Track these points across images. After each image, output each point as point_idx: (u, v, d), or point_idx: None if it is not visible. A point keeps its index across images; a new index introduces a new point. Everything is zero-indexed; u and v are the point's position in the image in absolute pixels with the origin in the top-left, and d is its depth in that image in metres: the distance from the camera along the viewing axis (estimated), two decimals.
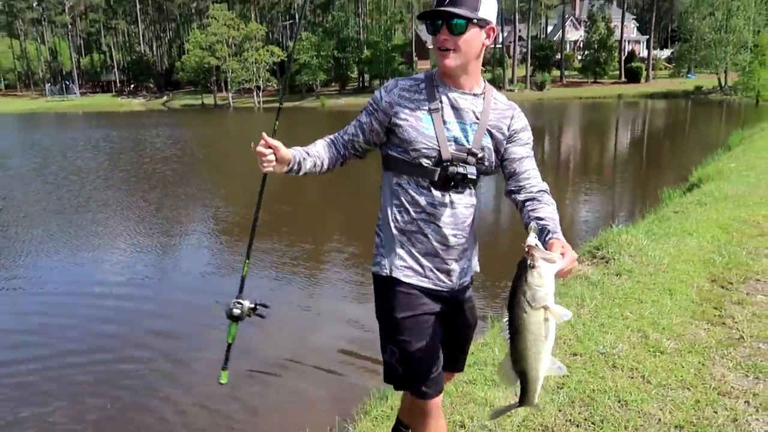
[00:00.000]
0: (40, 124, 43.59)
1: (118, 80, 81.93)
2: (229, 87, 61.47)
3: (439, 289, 1.92)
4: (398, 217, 1.89)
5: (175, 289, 7.16)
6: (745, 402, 2.78)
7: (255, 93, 60.67)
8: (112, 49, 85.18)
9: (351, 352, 5.09)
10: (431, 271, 1.90)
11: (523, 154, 1.87)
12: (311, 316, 6.23)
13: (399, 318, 1.88)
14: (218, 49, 59.15)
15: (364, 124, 1.92)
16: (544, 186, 1.84)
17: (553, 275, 1.51)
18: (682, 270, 4.50)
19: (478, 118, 1.83)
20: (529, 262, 1.49)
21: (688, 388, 2.91)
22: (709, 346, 3.33)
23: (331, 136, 1.99)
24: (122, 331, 5.85)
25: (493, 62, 58.48)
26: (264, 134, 1.81)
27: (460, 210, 1.87)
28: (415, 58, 61.33)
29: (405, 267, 1.90)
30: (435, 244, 1.88)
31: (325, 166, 1.96)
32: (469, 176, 1.82)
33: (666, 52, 65.96)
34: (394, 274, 1.89)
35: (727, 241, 5.21)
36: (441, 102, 1.83)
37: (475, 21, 1.73)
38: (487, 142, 1.84)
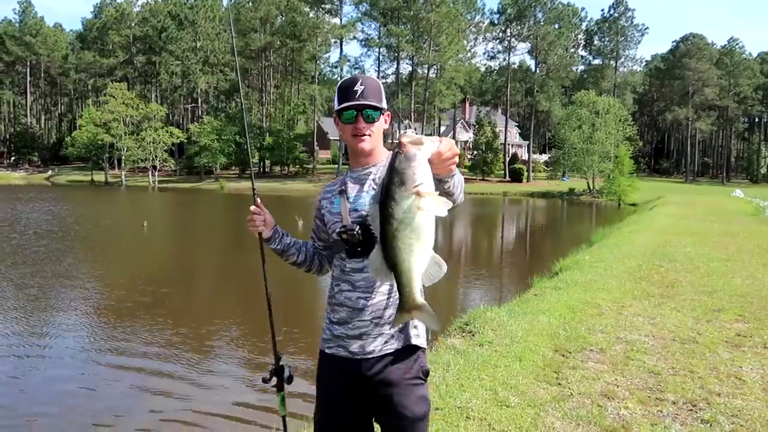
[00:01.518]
0: None
1: None
2: (123, 165, 59.70)
3: (351, 357, 1.98)
4: (328, 293, 2.11)
5: (29, 374, 6.91)
6: None
7: (150, 172, 59.29)
8: None
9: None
10: (343, 338, 2.00)
11: None
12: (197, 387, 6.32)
13: (316, 386, 2.10)
14: (114, 127, 57.84)
15: (313, 225, 2.24)
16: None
17: (425, 160, 1.47)
18: (532, 341, 5.27)
19: (376, 183, 2.01)
20: (396, 150, 1.50)
21: None
22: (545, 401, 4.00)
23: None
24: None
25: None
26: (256, 201, 2.19)
27: (371, 273, 1.91)
28: (317, 148, 63.40)
29: (326, 339, 2.07)
30: (347, 310, 1.99)
31: (303, 255, 2.24)
32: (355, 233, 1.96)
33: (544, 157, 73.01)
34: (321, 346, 2.10)
35: (571, 318, 6.11)
36: (347, 184, 2.09)
37: (381, 111, 2.04)
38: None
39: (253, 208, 2.19)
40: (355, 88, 2.00)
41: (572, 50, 70.06)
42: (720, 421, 3.68)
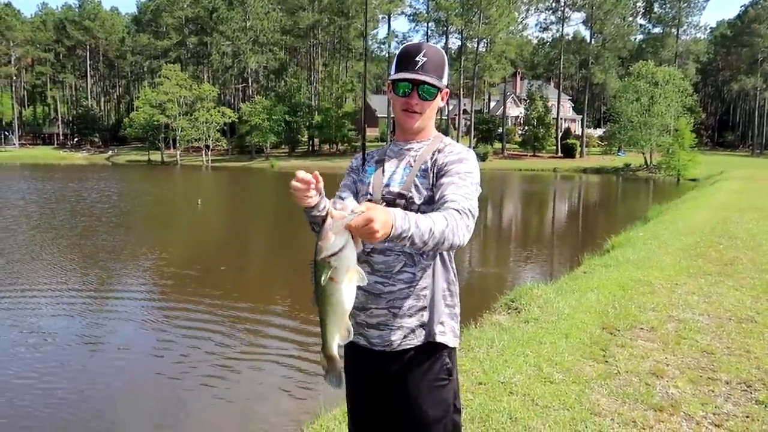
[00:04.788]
0: None
1: (61, 133, 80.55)
2: (178, 145, 61.48)
3: (371, 347, 1.85)
4: None
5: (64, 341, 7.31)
6: (611, 419, 3.38)
7: (204, 152, 60.87)
8: (58, 102, 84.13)
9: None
10: (363, 327, 1.85)
11: (446, 181, 1.75)
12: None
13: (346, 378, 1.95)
14: (169, 108, 59.49)
15: (347, 182, 2.05)
16: (459, 206, 1.65)
17: (337, 231, 1.46)
18: (580, 319, 5.19)
19: (415, 160, 1.87)
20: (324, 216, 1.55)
21: (567, 409, 3.49)
22: (590, 378, 3.95)
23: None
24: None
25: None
26: (299, 172, 1.76)
27: (392, 257, 1.81)
28: (365, 125, 63.43)
29: (352, 325, 1.85)
30: (364, 294, 1.83)
31: None
32: None
33: (599, 131, 70.69)
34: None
35: (621, 296, 5.97)
36: (386, 154, 1.95)
37: (440, 88, 1.84)
38: (419, 182, 1.83)
39: (295, 183, 1.76)
40: (417, 59, 1.80)
41: (630, 19, 67.00)
42: None
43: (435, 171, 1.81)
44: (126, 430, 5.05)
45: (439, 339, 1.82)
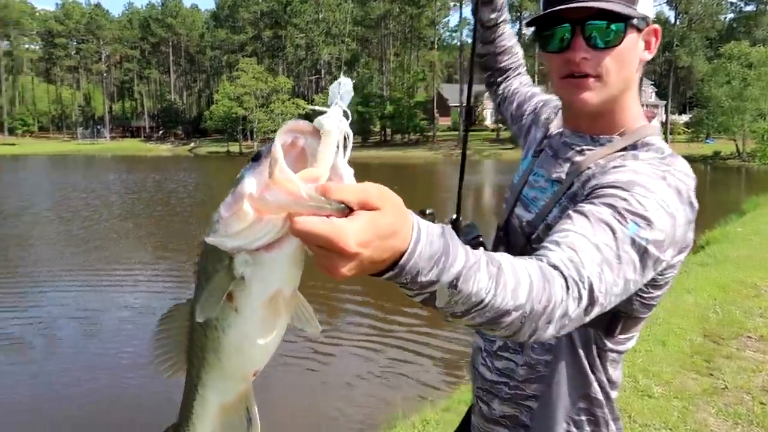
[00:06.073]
0: (68, 165, 45.30)
1: (147, 126, 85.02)
2: (255, 136, 63.40)
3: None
4: None
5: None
6: None
7: None
8: (144, 97, 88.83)
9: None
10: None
11: (584, 210, 0.90)
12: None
13: None
14: (246, 100, 61.38)
15: (525, 87, 1.53)
16: (572, 272, 0.78)
17: (266, 210, 0.62)
18: (677, 324, 4.77)
19: (571, 165, 1.11)
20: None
21: (670, 429, 3.18)
22: (694, 394, 3.59)
23: None
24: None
25: None
26: None
27: None
28: (437, 115, 62.93)
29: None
30: (471, 362, 1.29)
31: (510, 41, 1.56)
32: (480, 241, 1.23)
33: (684, 117, 66.67)
34: None
35: (723, 300, 5.47)
36: (549, 145, 1.20)
37: (634, 21, 1.02)
38: (553, 216, 1.09)
39: None
40: None
41: None
42: None
43: (581, 198, 1.01)
44: None
45: None
